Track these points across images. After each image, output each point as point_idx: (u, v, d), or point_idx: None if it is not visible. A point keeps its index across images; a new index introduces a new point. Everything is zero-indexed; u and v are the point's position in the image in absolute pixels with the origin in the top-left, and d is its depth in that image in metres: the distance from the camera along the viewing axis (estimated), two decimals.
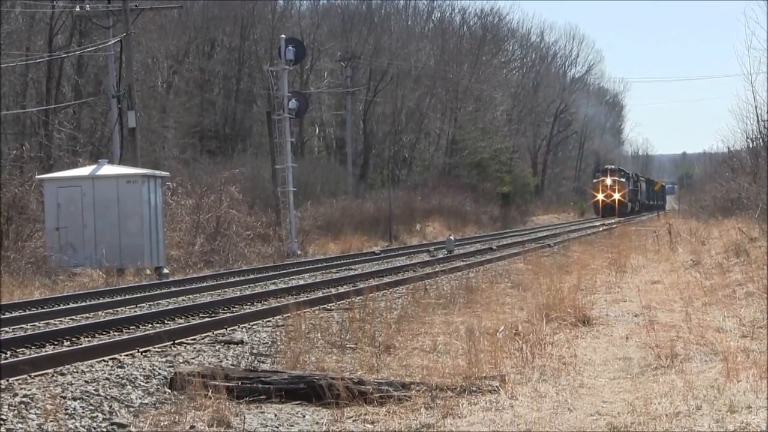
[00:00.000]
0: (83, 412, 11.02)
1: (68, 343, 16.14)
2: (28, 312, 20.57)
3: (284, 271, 31.28)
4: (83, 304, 22.13)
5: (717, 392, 10.43)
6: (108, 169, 32.16)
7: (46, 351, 15.11)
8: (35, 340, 16.05)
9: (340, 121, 71.27)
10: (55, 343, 16.06)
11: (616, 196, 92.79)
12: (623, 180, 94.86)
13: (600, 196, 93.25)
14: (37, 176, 34.11)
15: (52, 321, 19.24)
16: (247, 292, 24.24)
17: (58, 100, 47.76)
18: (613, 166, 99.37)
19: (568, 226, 69.88)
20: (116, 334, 17.13)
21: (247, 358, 14.40)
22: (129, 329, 17.68)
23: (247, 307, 21.02)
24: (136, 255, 30.85)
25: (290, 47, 44.69)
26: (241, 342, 15.78)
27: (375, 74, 72.39)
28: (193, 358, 14.32)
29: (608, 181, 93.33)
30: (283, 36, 47.45)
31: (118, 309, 21.31)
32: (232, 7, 65.11)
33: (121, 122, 39.24)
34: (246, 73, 66.13)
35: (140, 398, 11.76)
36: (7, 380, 12.27)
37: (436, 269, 29.29)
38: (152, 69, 57.72)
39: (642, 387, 10.94)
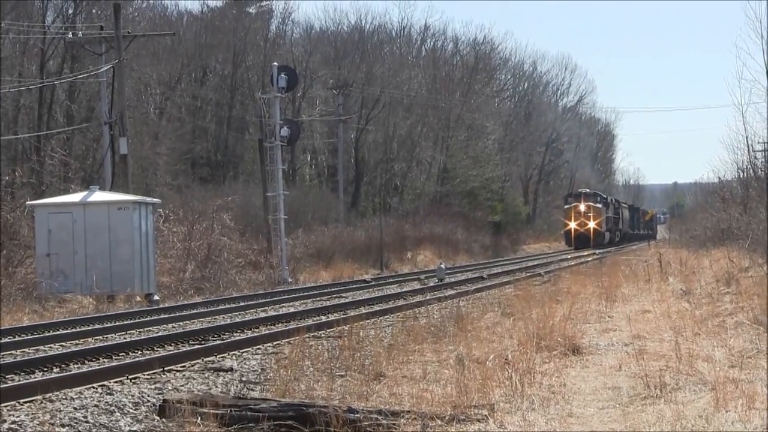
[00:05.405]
0: None
1: (57, 369, 16.11)
2: (17, 338, 20.53)
3: (275, 299, 31.24)
4: (73, 330, 22.10)
5: (706, 422, 10.43)
6: (99, 196, 32.13)
7: (35, 377, 15.06)
8: (25, 366, 16.02)
9: (332, 149, 71.37)
10: (45, 369, 16.03)
11: (591, 224, 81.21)
12: (600, 206, 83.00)
13: (572, 225, 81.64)
14: (28, 202, 34.08)
15: (41, 347, 19.20)
16: (238, 320, 24.20)
17: (50, 126, 47.81)
18: (587, 190, 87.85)
19: (559, 254, 69.92)
20: (106, 360, 17.10)
21: (237, 386, 14.38)
22: (119, 356, 17.65)
23: (238, 334, 21.00)
24: (126, 281, 30.81)
25: (282, 75, 44.77)
26: (231, 369, 15.75)
27: (367, 102, 72.56)
28: (183, 386, 14.29)
29: (582, 207, 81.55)
30: (275, 63, 47.51)
31: (108, 335, 21.27)
32: (224, 34, 65.29)
33: (113, 148, 39.25)
34: (238, 100, 66.26)
35: (129, 425, 11.73)
36: None
37: (427, 297, 29.25)
38: (144, 95, 57.87)
39: (631, 417, 10.94)
